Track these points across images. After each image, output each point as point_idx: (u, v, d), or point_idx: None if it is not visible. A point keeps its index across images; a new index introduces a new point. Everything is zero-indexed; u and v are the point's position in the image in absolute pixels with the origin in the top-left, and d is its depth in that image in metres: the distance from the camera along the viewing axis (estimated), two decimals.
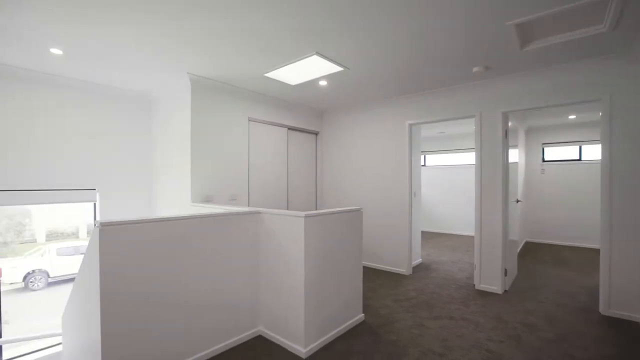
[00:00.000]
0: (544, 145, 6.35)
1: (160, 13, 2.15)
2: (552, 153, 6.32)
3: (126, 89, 3.85)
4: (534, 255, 5.20)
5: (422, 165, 7.96)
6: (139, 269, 1.89)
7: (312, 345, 2.27)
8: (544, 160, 6.36)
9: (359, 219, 2.77)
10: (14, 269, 5.47)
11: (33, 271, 5.55)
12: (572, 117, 5.42)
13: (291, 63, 3.03)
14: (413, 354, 2.27)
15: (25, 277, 5.50)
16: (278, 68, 3.18)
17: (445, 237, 7.00)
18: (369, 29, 2.37)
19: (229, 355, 2.27)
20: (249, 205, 3.98)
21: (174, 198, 3.73)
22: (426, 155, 8.00)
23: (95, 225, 1.75)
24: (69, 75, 3.35)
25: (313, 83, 3.66)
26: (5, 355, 3.17)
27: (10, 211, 5.01)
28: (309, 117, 4.88)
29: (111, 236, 1.76)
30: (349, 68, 3.18)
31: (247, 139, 3.98)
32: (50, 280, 5.69)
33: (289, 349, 2.31)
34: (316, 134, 5.07)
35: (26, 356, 3.23)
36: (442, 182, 7.61)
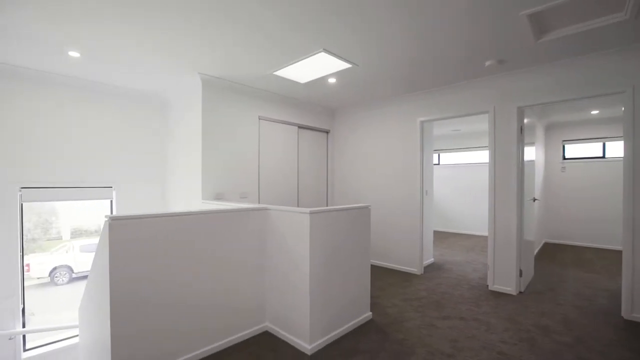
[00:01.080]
0: (564, 142, 6.09)
1: (169, 12, 2.20)
2: (574, 150, 6.06)
3: (140, 89, 3.97)
4: (552, 257, 5.00)
5: (436, 164, 7.81)
6: (148, 263, 1.94)
7: (317, 342, 2.27)
8: (564, 158, 6.11)
9: (367, 216, 2.74)
10: (41, 264, 5.72)
11: (55, 267, 5.79)
12: (594, 112, 5.17)
13: (299, 60, 3.04)
14: (420, 353, 2.23)
15: (50, 272, 5.74)
16: (286, 66, 3.19)
17: (461, 237, 6.84)
18: (374, 24, 2.35)
19: (234, 350, 2.30)
20: (259, 203, 4.02)
21: (186, 196, 3.81)
22: (440, 154, 7.84)
23: (105, 219, 1.81)
24: (85, 77, 3.49)
25: (322, 81, 3.66)
26: (28, 345, 3.33)
27: (39, 209, 5.23)
28: (320, 115, 4.88)
29: (120, 230, 1.82)
30: (357, 65, 3.16)
31: (258, 138, 4.01)
32: (73, 275, 5.91)
33: (295, 345, 2.32)
34: (327, 132, 5.06)
35: (47, 346, 3.38)
36: (458, 181, 7.44)
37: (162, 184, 4.30)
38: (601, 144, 5.77)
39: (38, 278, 5.66)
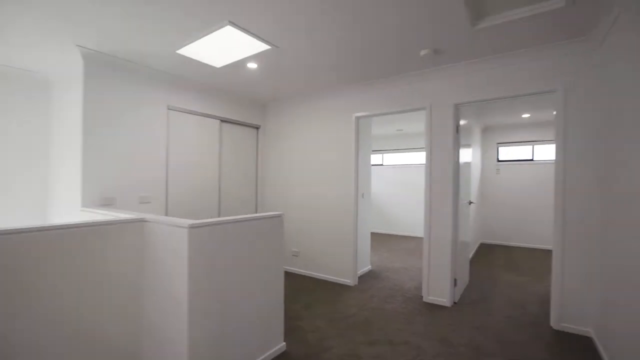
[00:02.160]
0: (499, 144, 6.24)
1: None
2: (508, 153, 6.22)
3: (11, 66, 3.07)
4: (487, 258, 5.00)
5: (380, 165, 7.66)
6: None
7: None
8: (499, 160, 6.25)
9: (279, 226, 2.27)
10: None
11: None
12: (525, 115, 5.29)
13: (204, 36, 2.48)
14: None
15: None
16: (190, 43, 2.61)
17: (404, 239, 6.72)
18: None
19: None
20: (166, 211, 3.35)
21: (63, 202, 3.03)
22: (385, 155, 7.70)
23: None
24: None
25: (241, 65, 3.11)
26: None
27: None
28: (248, 108, 4.32)
29: None
30: (277, 46, 2.67)
31: (167, 131, 3.35)
32: None
33: None
34: (257, 128, 4.51)
35: None
36: (402, 182, 7.34)
37: (43, 186, 3.41)
38: (531, 147, 5.98)
39: None
